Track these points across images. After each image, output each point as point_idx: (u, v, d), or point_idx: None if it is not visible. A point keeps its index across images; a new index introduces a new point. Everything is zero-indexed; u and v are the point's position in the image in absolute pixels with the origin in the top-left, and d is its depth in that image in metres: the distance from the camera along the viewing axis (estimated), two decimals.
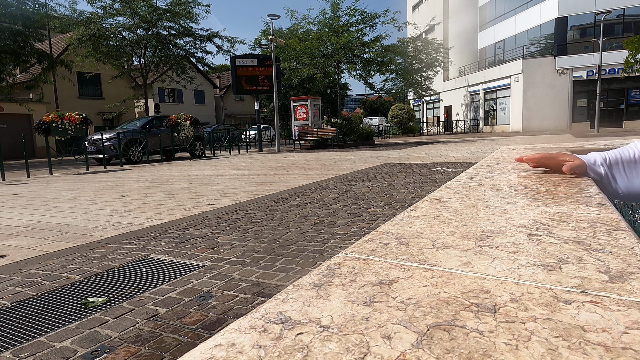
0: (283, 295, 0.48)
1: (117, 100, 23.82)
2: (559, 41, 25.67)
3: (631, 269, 0.51)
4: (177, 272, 2.22)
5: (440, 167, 6.93)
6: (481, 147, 12.15)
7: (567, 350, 0.34)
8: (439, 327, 0.39)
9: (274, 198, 4.57)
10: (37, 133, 9.39)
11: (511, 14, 29.33)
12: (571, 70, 25.54)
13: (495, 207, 0.90)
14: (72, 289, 2.04)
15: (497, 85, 28.90)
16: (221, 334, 0.40)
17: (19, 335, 1.55)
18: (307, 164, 9.07)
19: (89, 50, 18.58)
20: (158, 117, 14.28)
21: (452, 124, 33.28)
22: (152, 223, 3.54)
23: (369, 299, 0.46)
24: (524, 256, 0.57)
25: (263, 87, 16.61)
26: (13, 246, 2.96)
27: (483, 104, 31.19)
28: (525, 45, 28.24)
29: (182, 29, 20.47)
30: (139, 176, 8.12)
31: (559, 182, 1.17)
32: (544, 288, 0.46)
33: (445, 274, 0.52)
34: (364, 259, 0.59)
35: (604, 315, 0.39)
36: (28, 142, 21.34)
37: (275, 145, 16.85)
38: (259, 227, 3.19)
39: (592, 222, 0.74)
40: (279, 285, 1.95)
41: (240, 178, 6.89)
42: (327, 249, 2.52)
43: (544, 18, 26.40)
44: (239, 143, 18.41)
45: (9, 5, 15.71)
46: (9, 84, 16.60)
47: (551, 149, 2.49)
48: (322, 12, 20.70)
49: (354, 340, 0.37)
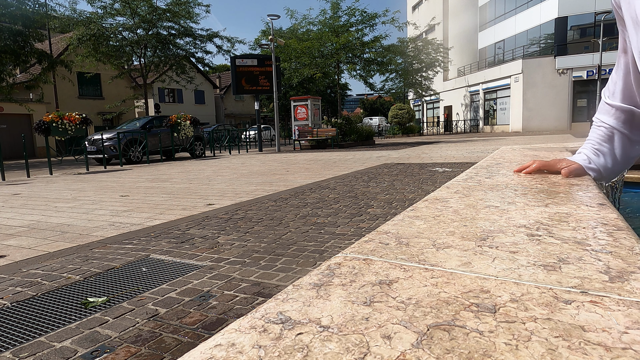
0: (283, 295, 0.48)
1: (117, 100, 23.82)
2: (559, 41, 25.67)
3: (631, 269, 0.51)
4: (177, 272, 2.22)
5: (440, 167, 6.93)
6: (481, 147, 12.15)
7: (567, 350, 0.34)
8: (439, 327, 0.39)
9: (274, 198, 4.57)
10: (37, 133, 9.39)
11: (511, 14, 29.33)
12: (571, 70, 25.54)
13: (495, 207, 0.90)
14: (72, 289, 2.04)
15: (497, 85, 28.90)
16: (221, 334, 0.40)
17: (19, 335, 1.55)
18: (307, 164, 9.07)
19: (89, 50, 18.57)
20: (158, 117, 14.28)
21: (452, 124, 33.28)
22: (152, 223, 3.54)
23: (369, 299, 0.46)
24: (524, 256, 0.57)
25: (263, 87, 16.61)
26: (13, 246, 2.96)
27: (483, 104, 31.19)
28: (525, 45, 28.24)
29: (182, 29, 20.47)
30: (139, 176, 8.12)
31: (559, 182, 1.17)
32: (544, 288, 0.46)
33: (445, 274, 0.52)
34: (364, 259, 0.59)
35: (604, 315, 0.39)
36: (28, 142, 21.34)
37: (275, 145, 16.85)
38: (259, 227, 3.19)
39: (592, 222, 0.74)
40: (279, 285, 1.95)
41: (240, 178, 6.89)
42: (327, 249, 2.52)
43: (544, 18, 26.40)
44: (239, 143, 18.41)
45: (9, 5, 15.70)
46: (9, 84, 16.59)
47: (551, 149, 2.49)
48: (322, 12, 20.70)
49: (354, 340, 0.37)
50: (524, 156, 2.07)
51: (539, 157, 1.89)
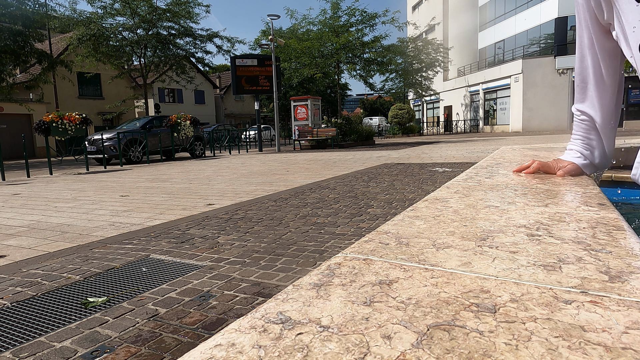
0: (283, 295, 0.48)
1: (117, 100, 23.82)
2: (559, 41, 25.67)
3: (631, 269, 0.51)
4: (177, 272, 2.22)
5: (440, 167, 6.93)
6: (481, 147, 12.15)
7: (567, 350, 0.34)
8: (439, 327, 0.39)
9: (274, 198, 4.57)
10: (37, 133, 9.39)
11: (511, 14, 29.33)
12: (571, 70, 25.52)
13: (495, 207, 0.90)
14: (72, 289, 2.04)
15: (497, 85, 28.90)
16: (221, 334, 0.40)
17: (19, 335, 1.55)
18: (307, 164, 9.07)
19: (89, 50, 18.58)
20: (158, 117, 14.27)
21: (452, 124, 33.29)
22: (152, 223, 3.54)
23: (369, 299, 0.46)
24: (524, 256, 0.57)
25: (263, 87, 16.61)
26: (13, 246, 2.96)
27: (483, 104, 31.19)
28: (525, 45, 28.24)
29: (182, 29, 20.47)
30: (139, 176, 8.12)
31: (559, 182, 1.17)
32: (544, 288, 0.46)
33: (445, 274, 0.52)
34: (364, 259, 0.59)
35: (604, 315, 0.39)
36: (28, 142, 21.33)
37: (275, 145, 16.85)
38: (259, 227, 3.19)
39: (592, 222, 0.74)
40: (279, 285, 1.95)
41: (240, 178, 6.89)
42: (327, 249, 2.52)
43: (544, 18, 26.40)
44: (239, 143, 18.41)
45: (9, 5, 15.71)
46: (9, 84, 16.59)
47: (551, 149, 2.49)
48: (322, 12, 20.70)
49: (354, 340, 0.37)
50: (524, 156, 2.07)
51: (538, 157, 1.89)
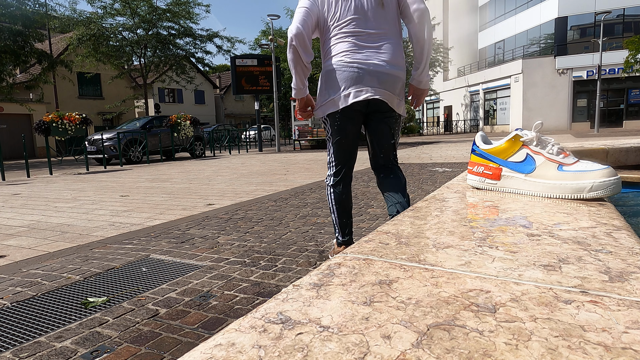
0: (283, 295, 0.48)
1: (117, 100, 23.84)
2: (559, 41, 25.67)
3: (631, 269, 0.51)
4: (177, 272, 2.22)
5: (440, 167, 6.93)
6: None
7: (567, 350, 0.34)
8: (439, 326, 0.39)
9: (274, 198, 4.57)
10: (37, 133, 9.39)
11: (511, 14, 29.34)
12: (571, 70, 25.55)
13: (495, 207, 0.90)
14: (72, 289, 2.04)
15: (497, 85, 28.90)
16: (221, 334, 0.40)
17: (19, 335, 1.55)
18: (307, 164, 9.07)
19: (89, 50, 18.60)
20: (158, 117, 14.27)
21: (452, 124, 33.28)
22: (152, 223, 3.54)
23: (369, 298, 0.46)
24: (524, 256, 0.57)
25: (263, 87, 16.61)
26: (13, 246, 2.96)
27: (483, 104, 31.19)
28: (525, 45, 28.24)
29: (182, 29, 20.49)
30: (139, 176, 8.12)
31: None
32: (544, 288, 0.46)
33: (445, 273, 0.52)
34: (364, 259, 0.59)
35: (604, 315, 0.39)
36: (28, 142, 21.34)
37: (275, 145, 16.85)
38: (259, 227, 3.19)
39: (592, 222, 0.74)
40: (279, 285, 1.95)
41: (240, 178, 6.89)
42: (327, 249, 2.52)
43: (544, 18, 26.40)
44: (239, 143, 18.41)
45: (9, 5, 15.71)
46: (9, 84, 16.59)
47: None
48: None
49: (354, 340, 0.37)
50: None
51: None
